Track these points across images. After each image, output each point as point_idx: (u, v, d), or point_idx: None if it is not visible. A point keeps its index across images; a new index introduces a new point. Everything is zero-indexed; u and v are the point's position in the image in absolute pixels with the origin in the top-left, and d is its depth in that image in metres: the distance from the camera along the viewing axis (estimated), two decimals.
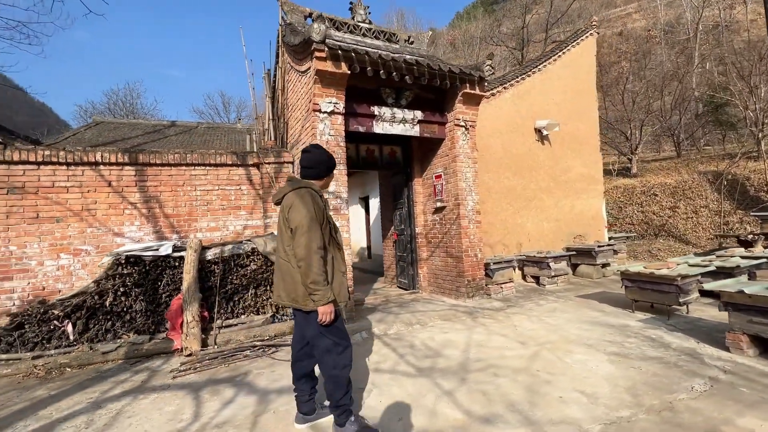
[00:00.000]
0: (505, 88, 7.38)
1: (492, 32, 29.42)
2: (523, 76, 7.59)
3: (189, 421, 2.65)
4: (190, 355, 3.98)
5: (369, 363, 3.52)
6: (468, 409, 2.59)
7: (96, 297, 4.26)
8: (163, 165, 5.11)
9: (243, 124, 17.51)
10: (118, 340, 4.16)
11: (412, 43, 6.75)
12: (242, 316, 4.69)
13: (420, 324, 4.71)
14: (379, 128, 5.33)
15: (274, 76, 6.07)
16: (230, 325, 4.53)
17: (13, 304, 4.44)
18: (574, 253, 7.49)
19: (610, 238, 8.56)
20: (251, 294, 4.80)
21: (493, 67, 5.58)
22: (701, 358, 3.28)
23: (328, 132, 4.73)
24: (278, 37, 5.87)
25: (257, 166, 5.47)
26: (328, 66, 4.52)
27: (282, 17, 5.75)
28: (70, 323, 4.12)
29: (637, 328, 4.16)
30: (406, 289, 6.76)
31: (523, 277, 7.19)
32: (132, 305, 4.37)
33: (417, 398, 2.79)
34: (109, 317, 4.26)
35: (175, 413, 2.77)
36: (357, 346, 4.02)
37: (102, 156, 4.82)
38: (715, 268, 4.83)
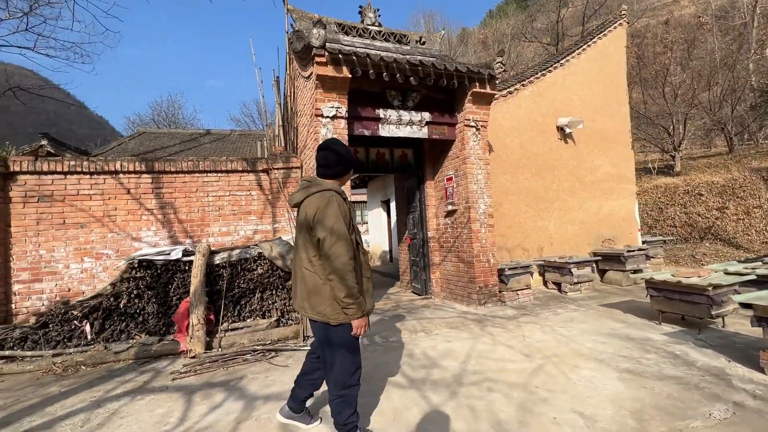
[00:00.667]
0: (523, 85, 7.06)
1: (524, 29, 28.55)
2: (544, 72, 7.22)
3: (174, 424, 2.70)
4: (194, 357, 4.09)
5: (363, 372, 3.43)
6: (451, 427, 2.44)
7: (112, 299, 4.49)
8: (177, 172, 5.32)
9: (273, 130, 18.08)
10: (131, 341, 4.36)
11: (424, 43, 6.61)
12: (248, 320, 4.77)
13: (425, 332, 4.57)
14: (385, 131, 5.26)
15: (285, 83, 6.19)
16: (236, 329, 4.62)
17: (42, 304, 4.78)
18: (601, 258, 7.01)
19: (644, 242, 7.94)
20: (257, 298, 4.88)
21: (503, 65, 5.34)
22: (729, 380, 2.91)
23: (331, 137, 4.70)
24: (287, 45, 5.97)
25: (267, 171, 5.57)
26: (329, 70, 4.51)
27: (291, 25, 5.84)
28: (88, 323, 4.36)
29: (659, 343, 3.78)
30: (419, 295, 6.62)
31: (545, 283, 6.82)
32: (144, 307, 4.57)
33: (401, 412, 2.68)
34: (123, 318, 4.48)
35: (163, 416, 2.83)
36: None
37: (121, 165, 5.10)
38: (756, 277, 4.31)
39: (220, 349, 4.31)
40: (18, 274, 4.73)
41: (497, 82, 5.45)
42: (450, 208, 5.87)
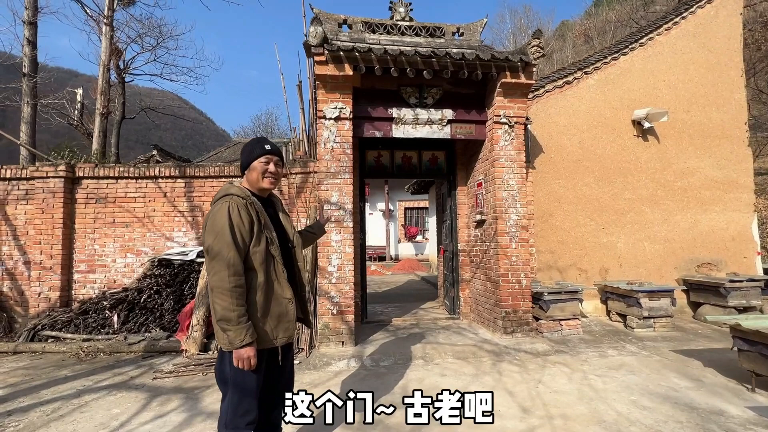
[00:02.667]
0: (586, 73, 5.89)
1: (634, 14, 24.82)
2: (615, 55, 5.93)
3: (113, 428, 2.68)
4: (188, 357, 4.17)
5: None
6: None
7: (136, 293, 4.89)
8: (206, 177, 5.62)
9: None
10: (146, 334, 4.66)
11: (462, 34, 5.95)
12: None
13: (424, 359, 3.98)
14: (399, 132, 4.81)
15: (309, 87, 6.15)
16: None
17: (94, 293, 5.43)
18: (690, 288, 5.43)
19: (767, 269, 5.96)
20: None
21: (542, 48, 4.46)
22: None
23: (333, 139, 4.45)
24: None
25: (285, 176, 5.56)
26: (330, 69, 4.27)
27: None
28: (116, 314, 4.81)
29: (736, 422, 2.63)
30: (448, 313, 5.93)
31: (608, 313, 5.53)
32: (163, 303, 4.88)
33: None
34: (143, 312, 4.84)
35: (113, 417, 2.85)
36: (334, 376, 3.60)
37: (159, 170, 5.57)
38: None
39: (216, 352, 4.34)
40: (78, 265, 5.47)
41: (533, 70, 4.57)
42: (479, 217, 5.12)
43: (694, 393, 3.09)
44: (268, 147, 1.89)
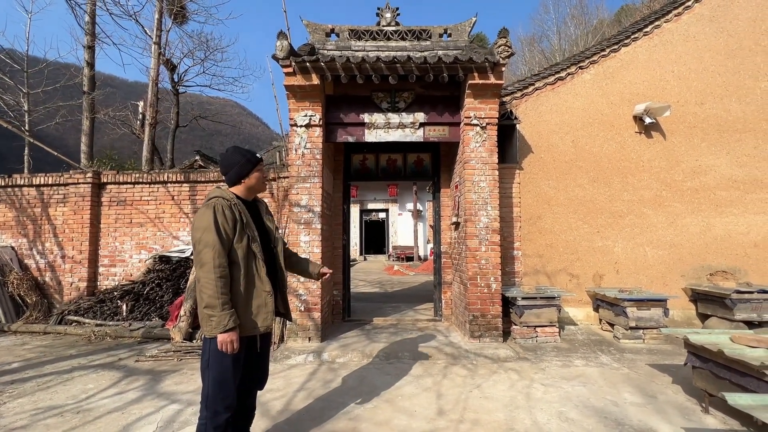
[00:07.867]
0: (581, 68, 5.58)
1: None
2: (615, 47, 5.54)
3: (78, 399, 3.13)
4: (173, 345, 4.65)
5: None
6: None
7: (141, 286, 5.50)
8: (207, 182, 6.15)
9: None
10: (146, 323, 5.24)
11: (450, 35, 5.92)
12: None
13: (379, 358, 4.09)
14: (371, 137, 4.94)
15: None
16: None
17: (114, 285, 6.18)
18: (696, 298, 4.94)
19: None
20: None
21: (509, 46, 4.34)
22: None
23: (304, 145, 4.69)
24: None
25: (275, 180, 5.92)
26: (298, 80, 4.52)
27: (307, 38, 6.04)
28: (124, 304, 5.45)
29: None
30: (434, 316, 5.93)
31: (600, 321, 5.21)
32: (163, 295, 5.44)
33: None
34: (146, 302, 5.43)
35: (84, 391, 3.32)
36: (287, 368, 3.84)
37: (167, 176, 6.19)
38: None
39: (199, 340, 4.77)
40: (102, 260, 6.25)
41: (502, 69, 4.46)
42: (455, 219, 5.09)
43: (634, 409, 2.89)
44: (260, 155, 2.13)
